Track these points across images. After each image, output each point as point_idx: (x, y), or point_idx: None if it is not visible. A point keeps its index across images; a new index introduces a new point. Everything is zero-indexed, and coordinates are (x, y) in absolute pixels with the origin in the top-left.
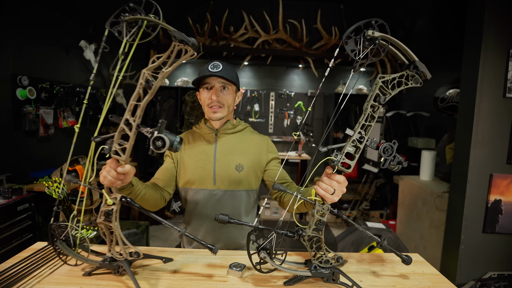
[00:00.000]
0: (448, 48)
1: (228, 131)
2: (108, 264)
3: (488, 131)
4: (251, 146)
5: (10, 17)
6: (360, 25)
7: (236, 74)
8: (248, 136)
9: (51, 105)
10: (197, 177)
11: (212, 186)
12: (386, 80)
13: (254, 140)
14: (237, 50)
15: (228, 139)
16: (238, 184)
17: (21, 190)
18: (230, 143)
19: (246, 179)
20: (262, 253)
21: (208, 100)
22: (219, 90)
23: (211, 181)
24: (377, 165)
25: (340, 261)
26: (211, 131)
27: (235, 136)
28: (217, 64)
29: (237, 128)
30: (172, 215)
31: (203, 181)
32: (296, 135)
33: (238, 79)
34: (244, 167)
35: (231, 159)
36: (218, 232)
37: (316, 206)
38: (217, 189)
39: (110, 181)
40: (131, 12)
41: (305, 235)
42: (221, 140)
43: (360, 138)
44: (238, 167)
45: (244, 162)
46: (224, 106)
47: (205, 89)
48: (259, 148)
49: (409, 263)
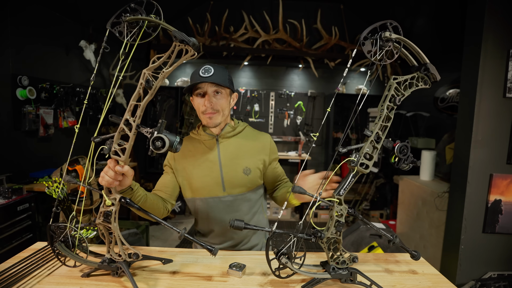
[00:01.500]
0: (448, 48)
1: (228, 135)
2: (107, 266)
3: (488, 131)
4: (254, 146)
5: (10, 17)
6: (376, 26)
7: (229, 76)
8: (249, 136)
9: (51, 105)
10: (205, 186)
11: (222, 193)
12: (399, 82)
13: (256, 140)
14: (237, 50)
15: (230, 142)
16: (247, 187)
17: (21, 190)
18: (233, 147)
19: (254, 180)
20: (283, 258)
21: (203, 107)
22: (212, 96)
23: (220, 188)
24: (377, 165)
25: (356, 261)
26: (211, 137)
27: (236, 139)
28: (208, 68)
29: (236, 130)
30: (172, 215)
31: (211, 189)
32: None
33: (231, 81)
34: (251, 169)
35: (237, 164)
36: (231, 233)
37: (334, 207)
38: (227, 195)
39: (107, 181)
40: (132, 13)
41: (324, 237)
42: (223, 145)
43: (377, 139)
44: (246, 170)
45: (250, 164)
46: (219, 111)
47: (198, 95)
48: (263, 149)
49: (418, 259)
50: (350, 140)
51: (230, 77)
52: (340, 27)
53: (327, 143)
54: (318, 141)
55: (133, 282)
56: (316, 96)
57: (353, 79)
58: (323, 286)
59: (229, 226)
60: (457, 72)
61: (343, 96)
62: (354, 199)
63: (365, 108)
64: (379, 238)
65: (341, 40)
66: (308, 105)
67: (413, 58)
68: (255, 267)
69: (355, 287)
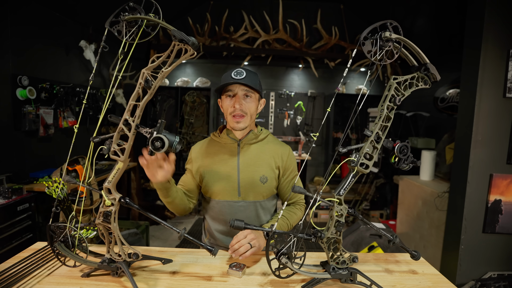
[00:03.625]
0: (448, 48)
1: (251, 141)
2: (107, 266)
3: (488, 131)
4: (273, 157)
5: (10, 16)
6: (376, 26)
7: (259, 81)
8: (269, 145)
9: (51, 105)
10: (221, 189)
11: (237, 198)
12: (399, 82)
13: (276, 150)
14: (237, 50)
15: (251, 149)
16: (263, 196)
17: (21, 190)
18: (253, 154)
19: (270, 189)
20: (283, 258)
21: (231, 109)
22: (242, 98)
23: (236, 193)
24: (377, 165)
25: (356, 261)
26: (233, 141)
27: (257, 146)
28: (241, 71)
29: (259, 138)
30: (172, 215)
31: (227, 193)
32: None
33: (261, 86)
34: (268, 178)
35: (255, 171)
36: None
37: (334, 207)
38: (241, 201)
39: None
40: (131, 12)
41: (324, 237)
42: (244, 151)
43: (377, 139)
44: (263, 178)
45: (267, 173)
46: (247, 115)
47: (227, 96)
48: (280, 159)
49: (418, 259)
50: (350, 140)
51: (260, 83)
52: (340, 27)
53: (327, 143)
54: (318, 141)
55: (133, 282)
56: (316, 96)
57: (353, 79)
58: (323, 286)
59: (229, 226)
60: (457, 72)
61: (343, 96)
62: (354, 199)
63: (365, 108)
64: (379, 238)
65: (341, 40)
66: (308, 105)
67: (413, 58)
68: (255, 267)
69: (355, 287)
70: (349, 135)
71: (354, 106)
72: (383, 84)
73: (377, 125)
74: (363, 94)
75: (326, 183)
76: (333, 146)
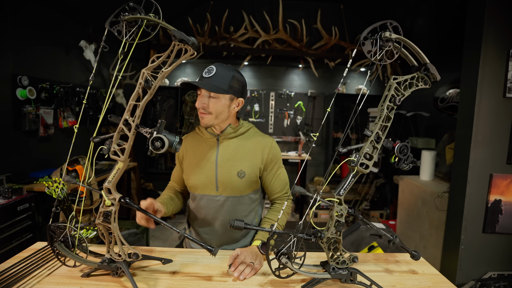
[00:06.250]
0: (448, 48)
1: (230, 136)
2: (107, 266)
3: (488, 131)
4: (252, 150)
5: (10, 17)
6: (376, 26)
7: (232, 81)
8: (250, 139)
9: (51, 105)
10: (200, 183)
11: (215, 192)
12: (399, 82)
13: (257, 144)
14: (237, 50)
15: (230, 144)
16: (241, 191)
17: (21, 190)
18: (231, 149)
19: (248, 185)
20: (283, 258)
21: (196, 105)
22: (206, 97)
23: (214, 187)
24: (377, 165)
25: (356, 261)
26: (212, 136)
27: (237, 140)
28: (212, 68)
29: (239, 131)
30: (172, 215)
31: (205, 187)
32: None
33: (237, 86)
34: (246, 173)
35: (232, 166)
36: (221, 234)
37: (334, 207)
38: (219, 195)
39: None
40: (131, 12)
41: (324, 237)
42: (222, 146)
43: (377, 139)
44: (240, 173)
45: (246, 168)
46: (211, 113)
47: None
48: (261, 152)
49: (418, 259)
50: (350, 140)
51: (235, 82)
52: (340, 27)
53: (327, 143)
54: (318, 141)
55: (133, 282)
56: (316, 96)
57: (353, 79)
58: (323, 286)
59: (229, 226)
60: (457, 72)
61: (343, 96)
62: (354, 199)
63: (365, 108)
64: (379, 238)
65: (341, 40)
66: (308, 105)
67: (413, 58)
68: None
69: (355, 287)
70: (349, 135)
71: (354, 106)
72: (383, 84)
73: (377, 125)
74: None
75: (326, 183)
76: (333, 146)
